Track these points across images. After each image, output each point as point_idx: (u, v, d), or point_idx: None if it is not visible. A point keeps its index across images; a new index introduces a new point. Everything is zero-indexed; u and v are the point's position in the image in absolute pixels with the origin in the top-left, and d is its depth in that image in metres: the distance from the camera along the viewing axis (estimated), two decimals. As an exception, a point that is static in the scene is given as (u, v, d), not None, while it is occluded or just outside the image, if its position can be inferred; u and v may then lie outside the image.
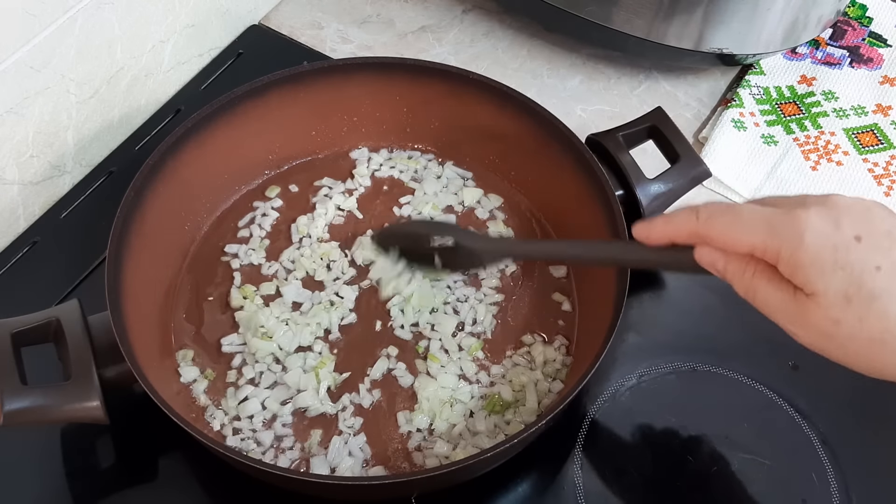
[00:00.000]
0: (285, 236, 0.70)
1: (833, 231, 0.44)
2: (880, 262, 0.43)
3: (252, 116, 0.69)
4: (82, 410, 0.54)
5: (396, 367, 0.63)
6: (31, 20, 0.63)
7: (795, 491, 0.61)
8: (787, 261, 0.45)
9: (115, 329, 0.55)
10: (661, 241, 0.50)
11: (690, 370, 0.66)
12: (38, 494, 0.60)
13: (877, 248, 0.44)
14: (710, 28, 0.75)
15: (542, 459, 0.62)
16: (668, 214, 0.50)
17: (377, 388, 0.62)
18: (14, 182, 0.68)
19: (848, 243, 0.44)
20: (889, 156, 0.79)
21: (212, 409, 0.61)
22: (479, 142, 0.73)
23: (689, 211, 0.48)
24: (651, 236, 0.50)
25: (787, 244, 0.44)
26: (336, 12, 0.89)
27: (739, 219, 0.47)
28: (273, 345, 0.63)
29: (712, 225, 0.47)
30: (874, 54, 0.86)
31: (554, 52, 0.87)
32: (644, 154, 0.69)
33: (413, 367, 0.63)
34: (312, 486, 0.56)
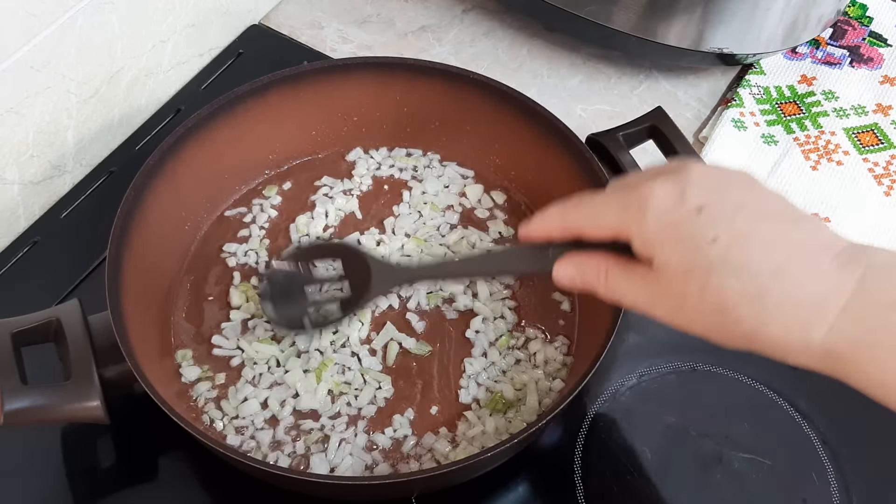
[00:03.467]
0: (285, 236, 0.70)
1: (676, 204, 0.44)
2: (717, 233, 0.43)
3: (252, 116, 0.69)
4: (83, 410, 0.54)
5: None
6: (32, 20, 0.63)
7: (795, 491, 0.61)
8: (637, 238, 0.45)
9: (115, 329, 0.55)
10: (539, 238, 0.50)
11: (690, 370, 0.66)
12: (38, 494, 0.60)
13: (717, 220, 0.43)
14: (711, 28, 0.76)
15: (543, 459, 0.62)
16: (543, 210, 0.50)
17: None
18: (14, 182, 0.68)
19: (689, 215, 0.44)
20: (889, 155, 0.79)
21: (212, 409, 0.61)
22: (479, 142, 0.73)
23: (558, 204, 0.49)
24: (530, 233, 0.50)
25: (635, 221, 0.45)
26: (336, 12, 0.89)
27: (597, 202, 0.47)
28: (274, 348, 0.63)
29: (576, 213, 0.48)
30: (874, 54, 0.86)
31: (554, 51, 0.87)
32: (644, 154, 0.69)
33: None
34: (312, 486, 0.56)
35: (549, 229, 0.49)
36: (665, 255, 0.44)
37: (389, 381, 0.62)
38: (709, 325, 0.44)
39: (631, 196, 0.45)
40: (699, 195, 0.44)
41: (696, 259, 0.43)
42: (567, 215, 0.49)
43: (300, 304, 0.57)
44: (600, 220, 0.47)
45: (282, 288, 0.58)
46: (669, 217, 0.44)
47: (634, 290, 0.46)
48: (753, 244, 0.43)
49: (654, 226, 0.44)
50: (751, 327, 0.43)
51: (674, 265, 0.44)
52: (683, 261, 0.44)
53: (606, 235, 0.47)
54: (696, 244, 0.43)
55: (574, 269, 0.49)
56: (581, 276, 0.48)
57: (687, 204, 0.44)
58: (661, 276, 0.45)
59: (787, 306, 0.42)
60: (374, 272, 0.56)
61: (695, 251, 0.43)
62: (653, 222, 0.44)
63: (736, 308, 0.43)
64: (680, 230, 0.44)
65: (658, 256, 0.44)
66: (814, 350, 0.42)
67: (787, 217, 0.44)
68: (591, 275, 0.48)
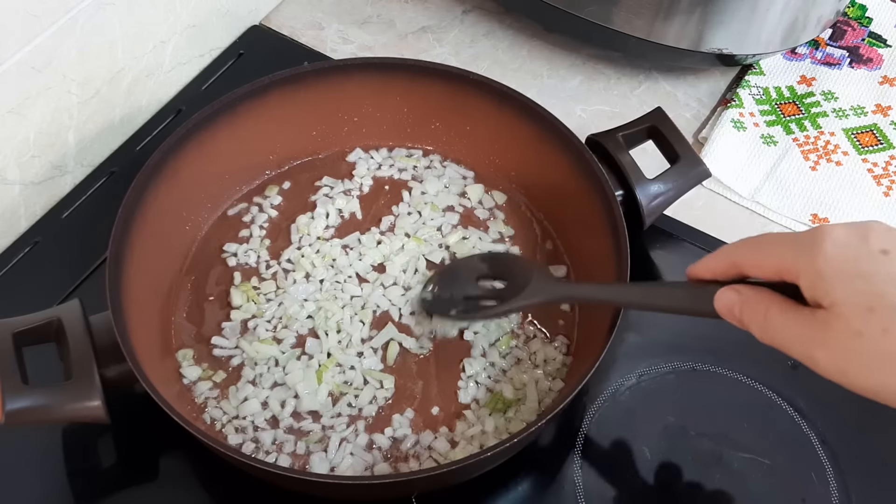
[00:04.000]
0: (285, 236, 0.70)
1: (858, 243, 0.43)
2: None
3: (253, 117, 0.69)
4: (83, 410, 0.54)
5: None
6: (33, 20, 0.63)
7: (795, 490, 0.61)
8: (807, 273, 0.43)
9: (116, 329, 0.55)
10: (706, 275, 0.50)
11: (690, 370, 0.66)
12: (39, 494, 0.60)
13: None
14: (710, 28, 0.76)
15: (542, 459, 0.62)
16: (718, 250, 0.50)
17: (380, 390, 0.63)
18: (15, 182, 0.69)
19: (872, 255, 0.42)
20: (888, 156, 0.79)
21: (213, 409, 0.61)
22: (479, 142, 0.73)
23: (729, 245, 0.49)
24: (696, 272, 0.50)
25: (808, 257, 0.43)
26: (337, 13, 0.89)
27: (766, 240, 0.46)
28: (275, 349, 0.63)
29: (744, 248, 0.47)
30: (874, 54, 0.86)
31: (554, 52, 0.87)
32: (644, 154, 0.69)
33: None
34: (313, 486, 0.56)
35: (715, 267, 0.49)
36: (844, 291, 0.42)
37: (392, 380, 0.62)
38: (886, 371, 0.42)
39: (805, 235, 0.44)
40: (882, 240, 0.43)
41: (881, 296, 0.41)
42: (735, 251, 0.48)
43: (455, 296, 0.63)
44: (768, 256, 0.45)
45: (448, 277, 0.65)
46: (850, 253, 0.42)
47: (795, 327, 0.44)
48: None
49: (834, 260, 0.42)
50: None
51: (854, 302, 0.42)
52: (865, 297, 0.41)
53: (772, 274, 0.45)
54: (881, 281, 0.41)
55: (737, 296, 0.47)
56: (741, 305, 0.47)
57: (871, 245, 0.42)
58: (832, 314, 0.42)
59: None
60: (534, 280, 0.59)
61: (881, 287, 0.41)
62: (832, 256, 0.42)
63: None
64: (862, 266, 0.42)
65: (835, 293, 0.42)
66: None
67: None
68: (751, 307, 0.46)
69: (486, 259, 0.66)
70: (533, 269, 0.61)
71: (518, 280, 0.60)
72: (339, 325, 0.65)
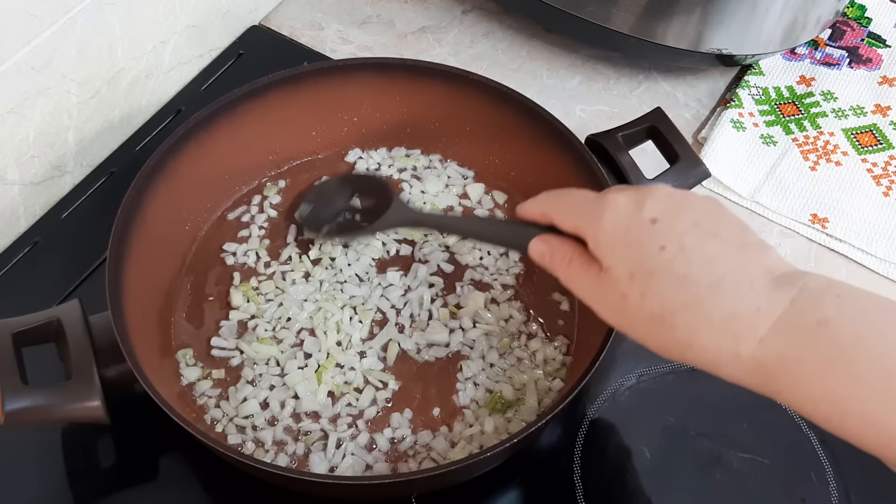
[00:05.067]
0: (285, 236, 0.70)
1: (633, 211, 0.47)
2: (665, 243, 0.45)
3: (252, 117, 0.69)
4: (83, 410, 0.54)
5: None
6: (32, 21, 0.63)
7: (795, 490, 0.61)
8: (590, 237, 0.48)
9: (115, 329, 0.55)
10: (526, 217, 0.54)
11: (690, 370, 0.66)
12: (39, 494, 0.60)
13: (668, 231, 0.46)
14: (709, 28, 0.76)
15: (542, 459, 0.62)
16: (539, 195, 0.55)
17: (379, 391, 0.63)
18: (15, 182, 0.68)
19: (641, 223, 0.46)
20: (888, 156, 0.79)
21: (212, 409, 0.61)
22: (478, 142, 0.73)
23: (546, 192, 0.53)
24: (520, 211, 0.55)
25: (591, 223, 0.48)
26: (336, 13, 0.89)
27: (568, 199, 0.51)
28: (274, 349, 0.63)
29: (552, 204, 0.52)
30: (873, 55, 0.86)
31: (553, 52, 0.87)
32: (643, 154, 0.69)
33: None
34: (312, 486, 0.56)
35: (533, 211, 0.54)
36: (613, 256, 0.47)
37: (392, 380, 0.62)
38: (646, 329, 0.46)
39: (596, 199, 0.49)
40: (656, 208, 0.47)
41: (641, 264, 0.46)
42: (546, 202, 0.53)
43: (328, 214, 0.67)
44: (567, 214, 0.51)
45: (322, 196, 0.69)
46: (624, 222, 0.47)
47: (587, 284, 0.49)
48: (697, 258, 0.45)
49: (609, 228, 0.47)
50: (684, 335, 0.44)
51: (620, 267, 0.46)
52: (629, 264, 0.46)
53: (570, 230, 0.50)
54: (643, 250, 0.46)
55: (546, 247, 0.52)
56: (550, 255, 0.52)
57: (644, 213, 0.47)
58: (607, 276, 0.47)
59: (720, 317, 0.43)
60: (393, 206, 0.63)
61: (641, 256, 0.46)
62: (607, 225, 0.47)
63: (672, 315, 0.44)
64: (631, 235, 0.46)
65: (607, 258, 0.47)
66: (744, 363, 0.43)
67: (737, 241, 0.46)
68: (558, 258, 0.51)
69: (353, 180, 0.70)
70: (392, 195, 0.64)
71: (381, 203, 0.65)
72: (339, 326, 0.65)
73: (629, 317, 0.47)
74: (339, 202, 0.68)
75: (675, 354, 0.46)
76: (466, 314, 0.65)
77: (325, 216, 0.67)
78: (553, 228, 0.52)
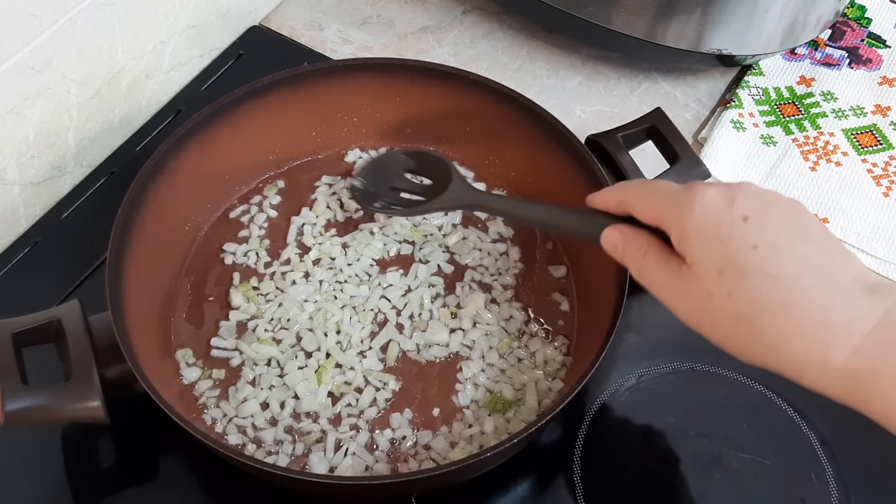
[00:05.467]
0: (284, 236, 0.70)
1: (724, 207, 0.45)
2: (758, 242, 0.44)
3: (252, 117, 0.69)
4: (83, 410, 0.54)
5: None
6: (32, 21, 0.63)
7: (795, 491, 0.61)
8: (677, 229, 0.46)
9: (115, 329, 0.55)
10: (599, 206, 0.53)
11: (690, 370, 0.66)
12: (38, 494, 0.60)
13: (760, 230, 0.44)
14: (710, 29, 0.76)
15: (542, 459, 0.62)
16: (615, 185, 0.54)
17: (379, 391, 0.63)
18: (15, 182, 0.68)
19: (733, 220, 0.45)
20: (888, 156, 0.79)
21: (212, 409, 0.61)
22: (479, 142, 0.73)
23: (622, 182, 0.52)
24: (593, 201, 0.54)
25: (679, 213, 0.46)
26: (336, 13, 0.89)
27: (651, 189, 0.50)
28: (274, 349, 0.63)
29: (631, 192, 0.51)
30: (873, 55, 0.86)
31: (553, 52, 0.87)
32: (643, 155, 0.69)
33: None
34: (312, 486, 0.56)
35: (608, 200, 0.52)
36: (702, 251, 0.45)
37: (393, 380, 0.62)
38: (730, 330, 0.45)
39: (683, 191, 0.47)
40: (748, 205, 0.45)
41: (732, 261, 0.44)
42: (625, 190, 0.51)
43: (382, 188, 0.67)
44: (650, 204, 0.49)
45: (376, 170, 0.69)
46: (715, 217, 0.45)
47: (663, 276, 0.47)
48: (790, 259, 0.43)
49: (699, 222, 0.45)
50: (772, 338, 0.43)
51: (709, 263, 0.45)
52: (719, 260, 0.44)
53: (651, 221, 0.49)
54: (735, 247, 0.44)
55: (620, 237, 0.50)
56: (623, 245, 0.50)
57: (735, 210, 0.45)
58: (692, 271, 0.45)
59: (813, 322, 0.42)
60: (453, 184, 0.63)
61: (733, 253, 0.44)
62: (698, 218, 0.45)
63: (762, 315, 0.43)
64: (722, 231, 0.45)
65: (694, 252, 0.45)
66: (833, 372, 0.42)
67: (826, 245, 0.45)
68: (632, 249, 0.49)
69: (413, 155, 0.69)
70: (452, 174, 0.64)
71: (440, 181, 0.64)
72: (339, 326, 0.65)
73: (712, 316, 0.45)
74: (394, 177, 0.68)
75: (757, 358, 0.44)
76: (467, 314, 0.65)
77: (379, 190, 0.67)
78: (627, 220, 0.51)
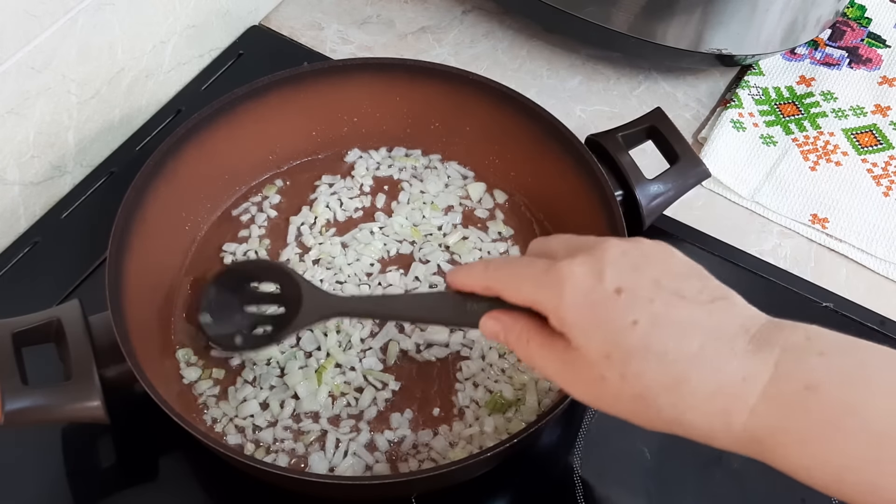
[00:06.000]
0: (284, 236, 0.70)
1: (594, 284, 0.43)
2: (638, 317, 0.42)
3: (252, 117, 0.69)
4: (83, 410, 0.54)
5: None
6: (32, 21, 0.63)
7: (794, 490, 0.61)
8: (554, 316, 0.44)
9: (115, 329, 0.55)
10: (462, 288, 0.49)
11: (690, 370, 0.66)
12: (38, 494, 0.60)
13: (636, 301, 0.42)
14: (710, 29, 0.76)
15: (542, 459, 0.62)
16: (468, 263, 0.51)
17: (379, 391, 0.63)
18: (15, 182, 0.68)
19: (607, 298, 0.43)
20: (888, 156, 0.79)
21: (212, 409, 0.61)
22: (478, 142, 0.73)
23: (482, 262, 0.49)
24: (455, 281, 0.50)
25: (551, 300, 0.44)
26: (336, 13, 0.89)
27: (516, 272, 0.46)
28: (274, 349, 0.63)
29: (496, 277, 0.47)
30: (873, 55, 0.86)
31: (553, 52, 0.87)
32: (643, 154, 0.69)
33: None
34: (312, 486, 0.56)
35: (472, 283, 0.49)
36: (584, 337, 0.43)
37: (393, 380, 0.62)
38: (630, 410, 0.44)
39: (549, 274, 0.45)
40: (618, 276, 0.43)
41: (616, 344, 0.42)
42: (489, 275, 0.48)
43: (236, 322, 0.58)
44: (519, 291, 0.46)
45: (221, 303, 0.58)
46: (588, 298, 0.43)
47: (554, 365, 0.45)
48: (672, 328, 0.42)
49: (573, 307, 0.43)
50: (672, 415, 0.42)
51: (594, 349, 0.43)
52: (603, 344, 0.42)
53: (524, 305, 0.46)
54: (615, 327, 0.42)
55: (499, 326, 0.48)
56: (504, 334, 0.47)
57: (605, 285, 0.43)
58: (579, 357, 0.44)
59: (706, 393, 0.41)
60: (305, 299, 0.55)
61: (615, 335, 0.42)
62: (571, 303, 0.43)
63: (656, 396, 0.42)
64: (598, 313, 0.43)
65: (577, 338, 0.43)
66: (737, 436, 0.42)
67: (703, 296, 0.43)
68: (514, 337, 0.47)
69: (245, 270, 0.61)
70: (300, 284, 0.56)
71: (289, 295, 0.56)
72: (339, 326, 0.65)
73: (609, 399, 0.44)
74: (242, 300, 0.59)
75: (664, 430, 0.44)
76: None
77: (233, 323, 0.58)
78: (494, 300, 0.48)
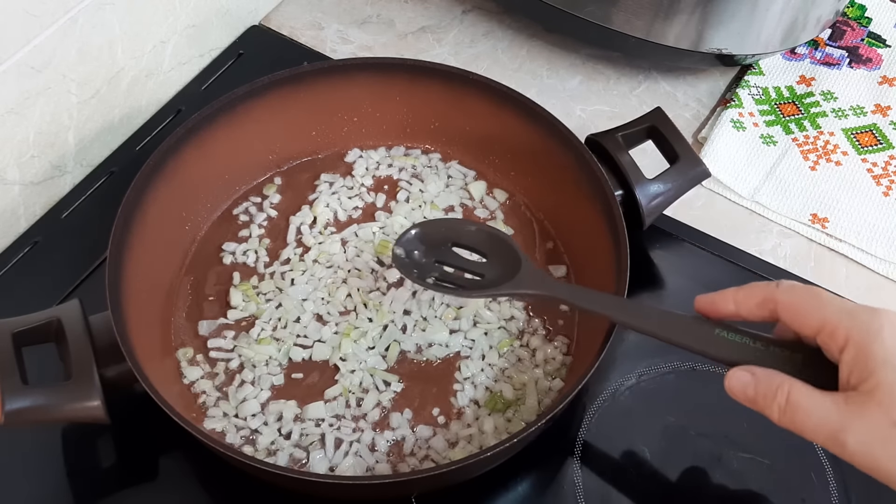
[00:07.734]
0: (284, 236, 0.70)
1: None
2: None
3: (252, 117, 0.69)
4: (83, 410, 0.54)
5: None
6: (32, 20, 0.63)
7: (795, 490, 0.61)
8: (858, 349, 0.43)
9: (115, 329, 0.55)
10: (726, 312, 0.47)
11: (690, 369, 0.66)
12: (38, 494, 0.60)
13: None
14: (710, 28, 0.76)
15: (543, 459, 0.62)
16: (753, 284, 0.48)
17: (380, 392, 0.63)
18: (15, 182, 0.69)
19: None
20: (888, 156, 0.79)
21: (212, 409, 0.61)
22: (478, 142, 0.73)
23: (767, 282, 0.47)
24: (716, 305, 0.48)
25: (863, 332, 0.43)
26: (336, 13, 0.89)
27: (821, 297, 0.45)
28: (273, 349, 0.63)
29: (791, 293, 0.45)
30: (873, 54, 0.86)
31: (553, 52, 0.87)
32: (643, 154, 0.69)
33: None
34: (312, 486, 0.56)
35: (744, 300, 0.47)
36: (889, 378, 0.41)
37: (396, 380, 0.62)
38: None
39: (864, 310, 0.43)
40: None
41: None
42: (776, 291, 0.46)
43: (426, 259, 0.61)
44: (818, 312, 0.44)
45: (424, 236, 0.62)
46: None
47: (826, 414, 0.43)
48: None
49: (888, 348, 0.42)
50: None
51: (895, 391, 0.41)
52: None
53: (810, 331, 0.44)
54: None
55: (750, 378, 0.45)
56: (755, 386, 0.45)
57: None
58: (872, 399, 0.42)
59: None
60: (523, 269, 0.57)
61: None
62: (888, 344, 0.42)
63: None
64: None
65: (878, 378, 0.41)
66: None
67: None
68: (770, 389, 0.45)
69: (468, 228, 0.63)
70: (520, 256, 0.58)
71: (502, 262, 0.58)
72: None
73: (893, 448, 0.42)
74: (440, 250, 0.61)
75: None
76: (467, 314, 0.65)
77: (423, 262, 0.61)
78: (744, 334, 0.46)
